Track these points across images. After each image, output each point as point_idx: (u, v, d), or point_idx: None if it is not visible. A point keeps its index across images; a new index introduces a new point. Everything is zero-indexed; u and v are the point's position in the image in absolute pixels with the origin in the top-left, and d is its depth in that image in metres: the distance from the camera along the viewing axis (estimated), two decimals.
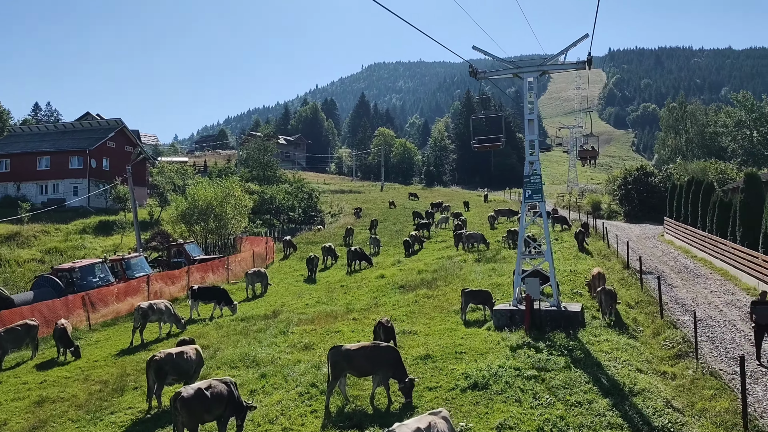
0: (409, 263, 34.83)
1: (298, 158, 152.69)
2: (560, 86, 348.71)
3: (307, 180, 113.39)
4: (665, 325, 18.94)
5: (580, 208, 63.53)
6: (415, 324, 20.63)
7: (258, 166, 76.74)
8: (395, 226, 55.10)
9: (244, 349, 18.57)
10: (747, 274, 23.95)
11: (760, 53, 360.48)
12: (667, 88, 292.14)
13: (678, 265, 29.74)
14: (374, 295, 26.36)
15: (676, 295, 23.49)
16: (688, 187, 35.03)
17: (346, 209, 71.19)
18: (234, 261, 35.79)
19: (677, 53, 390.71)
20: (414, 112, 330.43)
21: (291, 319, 22.64)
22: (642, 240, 40.25)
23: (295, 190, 59.30)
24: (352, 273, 33.53)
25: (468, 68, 20.60)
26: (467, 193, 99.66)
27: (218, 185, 45.16)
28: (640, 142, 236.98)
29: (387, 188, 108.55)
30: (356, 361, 13.53)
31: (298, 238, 49.51)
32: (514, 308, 19.32)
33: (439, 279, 27.87)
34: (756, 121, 76.53)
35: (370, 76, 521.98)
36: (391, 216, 63.57)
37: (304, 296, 28.03)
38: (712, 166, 55.48)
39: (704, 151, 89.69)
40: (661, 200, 53.18)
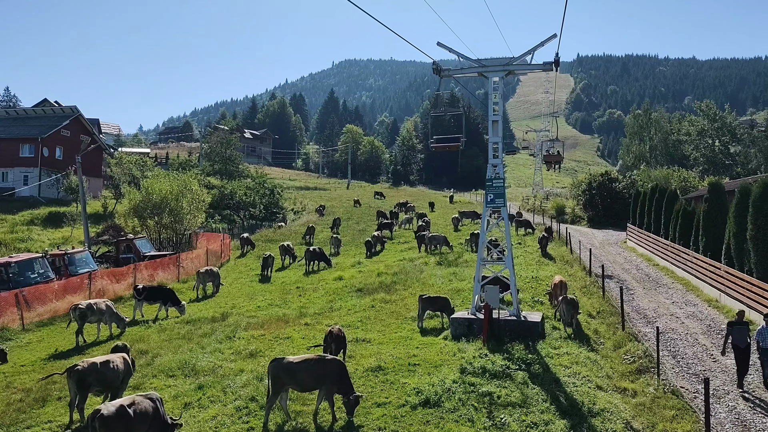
0: (369, 265, 33.87)
1: (264, 153, 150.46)
2: (529, 89, 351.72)
3: (272, 176, 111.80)
4: (626, 338, 18.36)
5: (544, 212, 63.41)
6: (370, 331, 19.68)
7: (220, 160, 74.84)
8: (359, 226, 54.08)
9: (185, 355, 17.35)
10: (709, 285, 23.60)
11: (723, 64, 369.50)
12: (633, 95, 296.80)
13: (640, 273, 29.40)
14: (330, 299, 25.32)
15: (638, 305, 23.01)
16: (651, 195, 34.82)
17: (309, 206, 69.90)
18: (187, 258, 34.33)
19: (643, 61, 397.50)
20: (383, 110, 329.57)
21: (239, 322, 21.46)
22: (605, 246, 40.02)
23: (256, 185, 57.75)
24: (309, 274, 32.42)
25: (432, 66, 19.74)
26: (433, 193, 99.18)
27: (175, 179, 43.52)
28: (605, 147, 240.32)
29: (353, 186, 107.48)
30: (299, 375, 12.50)
31: (258, 235, 48.11)
32: (472, 317, 18.51)
33: (399, 283, 26.96)
34: (718, 130, 77.71)
35: (340, 72, 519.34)
36: (355, 215, 62.53)
37: (257, 298, 26.84)
38: (675, 173, 55.83)
39: (667, 159, 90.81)
40: (625, 206, 53.23)
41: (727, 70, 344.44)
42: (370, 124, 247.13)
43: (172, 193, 40.94)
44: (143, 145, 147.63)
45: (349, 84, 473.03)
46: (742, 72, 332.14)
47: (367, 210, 65.64)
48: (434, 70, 19.77)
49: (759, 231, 19.23)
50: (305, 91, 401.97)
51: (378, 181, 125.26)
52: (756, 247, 19.41)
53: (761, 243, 19.20)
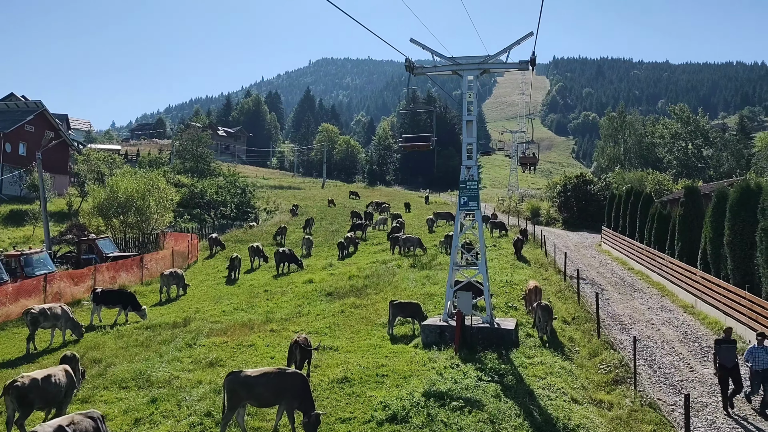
0: (341, 267, 33.06)
1: (238, 151, 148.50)
2: (505, 91, 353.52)
3: (246, 174, 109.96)
4: (602, 346, 17.84)
5: (519, 214, 63.21)
6: (338, 338, 18.89)
7: (191, 158, 73.27)
8: (332, 226, 53.18)
9: (140, 365, 16.37)
10: (684, 290, 23.27)
11: (695, 68, 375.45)
12: (608, 97, 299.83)
13: (615, 277, 29.04)
14: (299, 303, 24.45)
15: (613, 311, 22.57)
16: (627, 198, 34.56)
17: (283, 206, 68.76)
18: (152, 259, 33.15)
19: (618, 64, 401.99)
20: (360, 109, 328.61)
21: (202, 328, 20.50)
22: (579, 249, 39.73)
23: (228, 184, 56.47)
24: (279, 276, 31.48)
25: (405, 63, 19.01)
26: (409, 193, 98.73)
27: (141, 176, 42.17)
28: (579, 149, 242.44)
29: (328, 186, 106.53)
30: (257, 390, 11.67)
31: (228, 235, 46.92)
32: (444, 324, 17.82)
33: (370, 286, 26.20)
34: (691, 133, 78.35)
35: (317, 71, 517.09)
36: (329, 215, 61.63)
37: (222, 301, 25.84)
38: (650, 176, 55.96)
39: (641, 161, 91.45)
40: (600, 208, 53.20)
41: (699, 75, 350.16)
42: (346, 123, 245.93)
43: (139, 191, 39.63)
44: (115, 142, 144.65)
45: (326, 83, 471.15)
46: (714, 76, 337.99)
47: (341, 210, 64.81)
48: (407, 68, 19.06)
49: (736, 236, 18.86)
50: (281, 89, 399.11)
51: (354, 181, 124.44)
52: (733, 253, 19.04)
53: (738, 249, 18.84)
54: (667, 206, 32.08)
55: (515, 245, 34.12)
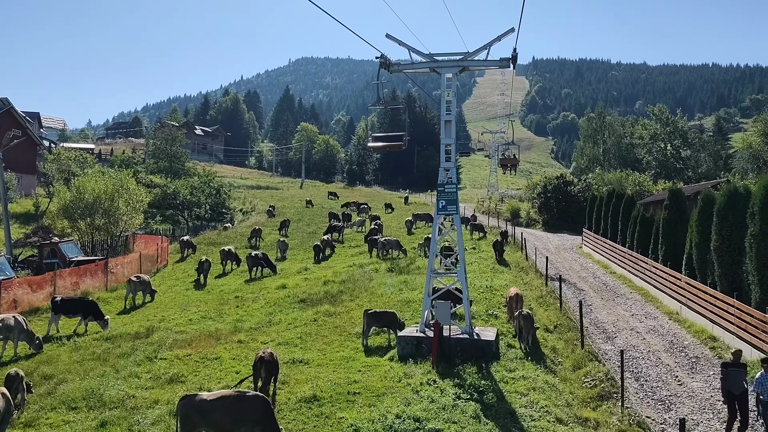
0: (316, 271, 31.99)
1: (216, 151, 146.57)
2: (485, 91, 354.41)
3: (223, 174, 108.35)
4: (586, 357, 17.01)
5: (499, 215, 62.56)
6: (309, 350, 17.85)
7: (165, 158, 71.51)
8: (309, 228, 52.01)
9: (94, 382, 15.18)
10: (669, 296, 22.59)
11: (672, 70, 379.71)
12: (586, 98, 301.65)
13: (597, 281, 28.35)
14: (270, 311, 23.35)
15: (596, 317, 21.80)
16: (608, 200, 33.92)
17: (259, 207, 67.36)
18: (119, 263, 31.74)
19: (596, 65, 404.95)
20: (341, 109, 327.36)
21: (165, 339, 19.32)
22: (560, 252, 39.08)
23: (202, 184, 54.99)
24: (251, 281, 30.30)
25: (380, 59, 18.03)
26: (389, 193, 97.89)
27: (110, 177, 40.66)
28: (559, 149, 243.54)
29: (307, 186, 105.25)
30: (213, 416, 10.61)
31: (200, 238, 45.55)
32: (421, 335, 16.87)
33: (346, 292, 25.19)
34: (670, 134, 78.41)
35: (297, 70, 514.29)
36: (306, 216, 60.45)
37: (190, 309, 24.63)
38: (630, 177, 55.62)
39: (620, 162, 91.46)
40: (580, 210, 52.70)
41: (676, 76, 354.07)
42: (326, 123, 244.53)
43: (107, 192, 38.14)
44: (89, 141, 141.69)
45: (305, 82, 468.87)
46: (690, 78, 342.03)
47: (319, 211, 63.69)
48: (382, 64, 18.08)
49: (724, 242, 18.17)
50: (261, 88, 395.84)
51: (333, 181, 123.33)
52: (720, 259, 18.35)
53: (726, 255, 18.15)
54: (650, 209, 31.50)
55: (495, 248, 33.34)
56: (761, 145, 37.52)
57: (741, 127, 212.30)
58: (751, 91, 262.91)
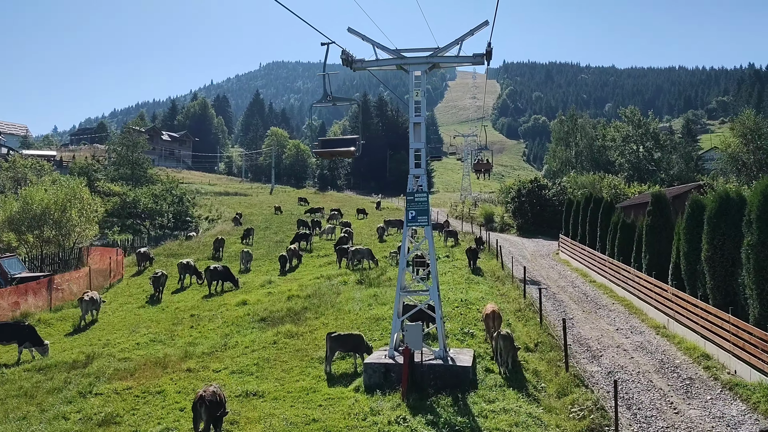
0: (281, 284, 30.09)
1: (184, 156, 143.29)
2: (457, 95, 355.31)
3: (191, 180, 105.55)
4: (571, 381, 15.44)
5: (473, 219, 61.25)
6: (266, 380, 16.02)
7: (126, 164, 68.70)
8: (277, 236, 49.90)
9: (11, 427, 13.15)
10: (654, 308, 21.22)
11: (640, 73, 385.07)
12: (557, 101, 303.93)
13: (577, 291, 26.94)
14: (227, 332, 21.41)
15: (579, 333, 20.31)
16: (585, 205, 32.63)
17: (226, 214, 64.91)
18: (66, 280, 29.43)
19: (566, 69, 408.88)
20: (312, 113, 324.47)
21: (105, 369, 17.29)
22: (537, 258, 37.73)
23: (164, 192, 52.57)
24: (210, 297, 28.25)
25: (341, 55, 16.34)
26: (362, 198, 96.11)
27: (61, 186, 38.23)
28: (530, 152, 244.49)
29: (277, 191, 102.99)
30: None
31: (160, 249, 43.18)
32: (390, 362, 15.15)
33: (310, 309, 23.37)
34: (642, 136, 78.11)
35: (268, 74, 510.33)
36: (274, 223, 58.34)
37: (140, 330, 22.54)
38: (605, 180, 54.70)
39: (593, 164, 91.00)
40: (555, 214, 51.61)
41: (644, 79, 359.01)
42: (298, 127, 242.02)
43: (57, 202, 35.75)
44: (53, 147, 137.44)
45: (277, 86, 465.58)
46: (658, 81, 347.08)
47: (288, 218, 61.60)
48: (344, 61, 16.40)
49: (716, 252, 16.80)
50: (231, 92, 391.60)
51: (304, 186, 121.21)
52: (712, 270, 16.98)
53: (719, 266, 16.78)
54: (630, 213, 30.24)
55: (469, 255, 31.83)
56: (739, 146, 36.74)
57: (708, 128, 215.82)
58: (717, 94, 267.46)
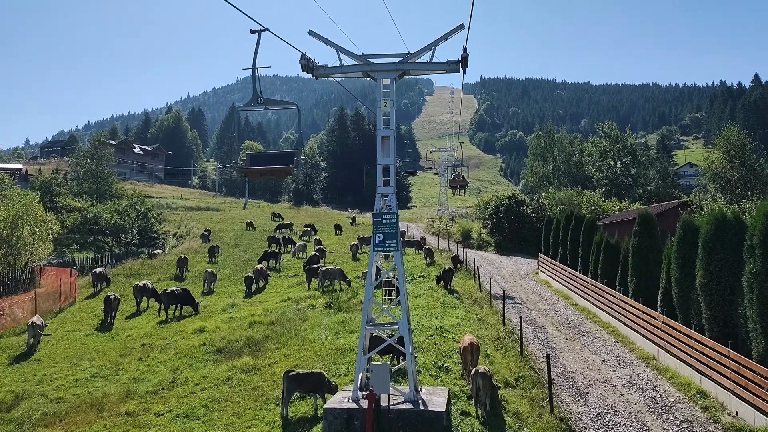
0: (245, 308, 28.15)
1: (156, 170, 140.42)
2: (434, 110, 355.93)
3: (162, 195, 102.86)
4: (557, 426, 13.80)
5: (450, 236, 59.79)
6: (214, 426, 14.15)
7: (90, 178, 66.04)
8: (246, 254, 47.80)
9: None
10: (642, 336, 19.73)
11: (615, 89, 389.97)
12: (533, 116, 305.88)
13: (559, 316, 25.40)
14: (178, 365, 19.44)
15: (563, 365, 18.72)
16: (566, 223, 31.22)
17: (195, 230, 62.53)
18: (13, 303, 27.14)
19: (542, 84, 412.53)
20: (290, 127, 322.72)
21: (33, 412, 15.27)
22: (515, 278, 36.24)
23: (127, 207, 50.23)
24: (167, 322, 26.19)
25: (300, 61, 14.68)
26: (337, 214, 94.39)
27: (11, 202, 35.89)
28: (507, 167, 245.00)
29: (251, 206, 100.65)
30: None
31: (120, 268, 40.83)
32: (353, 407, 13.34)
33: (272, 338, 21.49)
34: (620, 152, 77.66)
35: (245, 88, 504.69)
36: (245, 240, 56.24)
37: (82, 363, 20.43)
38: (584, 196, 53.64)
39: (570, 180, 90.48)
40: (533, 231, 50.36)
41: (619, 95, 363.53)
42: (275, 141, 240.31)
43: (7, 219, 33.44)
44: (21, 161, 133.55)
45: None
46: (632, 97, 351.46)
47: (260, 234, 59.53)
48: (304, 67, 14.74)
49: (713, 279, 15.34)
50: (208, 106, 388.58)
51: (279, 201, 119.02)
52: (709, 299, 15.51)
53: (715, 295, 15.31)
54: (614, 232, 28.86)
55: (444, 277, 30.21)
56: (723, 162, 35.75)
57: (682, 144, 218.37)
58: (690, 110, 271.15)
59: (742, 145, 37.81)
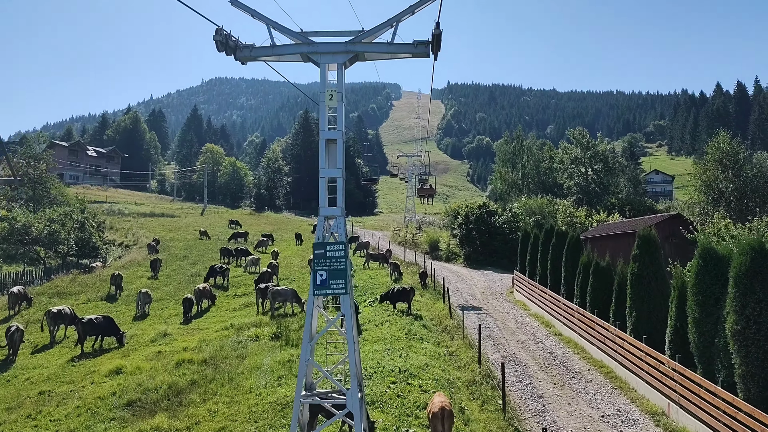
0: (178, 338, 24.18)
1: (112, 174, 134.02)
2: (402, 114, 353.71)
3: (116, 199, 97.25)
4: None
5: (417, 246, 56.43)
6: None
7: (27, 183, 60.69)
8: (194, 267, 43.51)
9: None
10: (647, 384, 16.42)
11: (579, 96, 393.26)
12: (500, 122, 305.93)
13: (542, 350, 21.99)
14: (73, 427, 15.41)
15: (554, 422, 15.26)
16: (546, 239, 27.91)
17: (144, 239, 57.85)
18: None
19: (509, 91, 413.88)
20: (255, 130, 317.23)
21: None
22: (489, 298, 32.86)
23: (62, 216, 45.43)
24: (80, 359, 22.00)
25: (213, 36, 10.94)
26: (300, 220, 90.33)
27: None
28: (474, 172, 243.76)
29: (210, 212, 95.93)
30: None
31: (47, 286, 36.24)
32: None
33: (200, 384, 17.61)
34: (591, 159, 75.33)
35: (210, 90, 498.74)
36: (196, 250, 51.93)
37: None
38: (561, 207, 50.64)
39: (539, 187, 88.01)
40: (505, 243, 47.28)
41: (584, 102, 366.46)
42: (239, 144, 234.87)
43: None
44: None
45: (219, 102, 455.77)
46: (597, 104, 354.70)
47: (215, 244, 55.29)
48: (219, 45, 10.97)
49: (750, 326, 12.02)
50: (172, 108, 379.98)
51: (240, 206, 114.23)
52: (745, 350, 12.17)
53: (754, 346, 12.00)
54: (595, 249, 25.55)
55: (404, 297, 26.66)
56: (715, 173, 33.03)
57: (646, 151, 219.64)
58: (654, 117, 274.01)
59: (736, 154, 35.24)
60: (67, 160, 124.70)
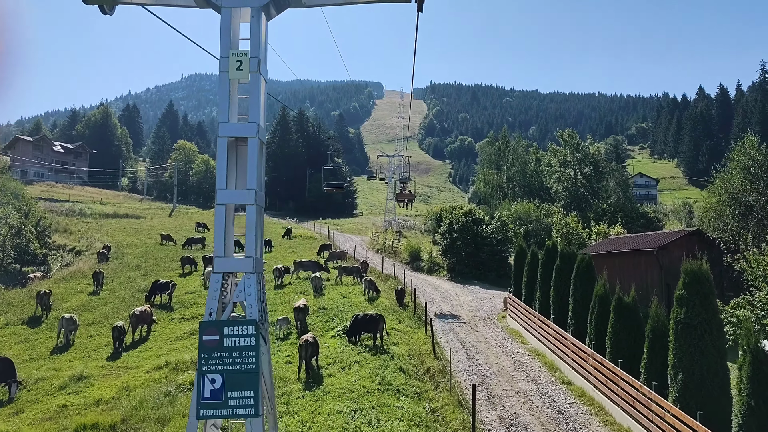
0: (96, 383, 19.42)
1: (79, 171, 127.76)
2: (383, 113, 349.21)
3: (81, 198, 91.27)
4: None
5: (396, 255, 51.93)
6: None
7: None
8: (145, 280, 38.23)
9: None
10: None
11: (562, 98, 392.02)
12: (483, 123, 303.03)
13: (548, 406, 17.51)
14: None
15: None
16: (547, 259, 23.42)
17: (98, 244, 52.44)
18: None
19: (491, 91, 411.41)
20: None
21: None
22: (477, 324, 28.38)
23: None
24: None
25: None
26: (274, 222, 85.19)
27: None
28: (456, 173, 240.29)
29: (179, 213, 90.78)
30: None
31: None
32: None
33: None
34: (580, 161, 71.48)
35: (190, 86, 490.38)
36: (152, 258, 46.83)
37: None
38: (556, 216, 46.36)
39: (525, 190, 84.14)
40: (493, 254, 42.95)
41: (566, 104, 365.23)
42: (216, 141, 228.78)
43: None
44: None
45: (199, 99, 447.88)
46: (579, 106, 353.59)
47: (176, 252, 49.95)
48: None
49: None
50: (150, 103, 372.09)
51: (211, 206, 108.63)
52: None
53: None
54: (603, 268, 20.90)
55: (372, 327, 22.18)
56: (744, 183, 29.08)
57: (629, 154, 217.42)
58: (636, 120, 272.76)
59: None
60: (32, 155, 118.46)
